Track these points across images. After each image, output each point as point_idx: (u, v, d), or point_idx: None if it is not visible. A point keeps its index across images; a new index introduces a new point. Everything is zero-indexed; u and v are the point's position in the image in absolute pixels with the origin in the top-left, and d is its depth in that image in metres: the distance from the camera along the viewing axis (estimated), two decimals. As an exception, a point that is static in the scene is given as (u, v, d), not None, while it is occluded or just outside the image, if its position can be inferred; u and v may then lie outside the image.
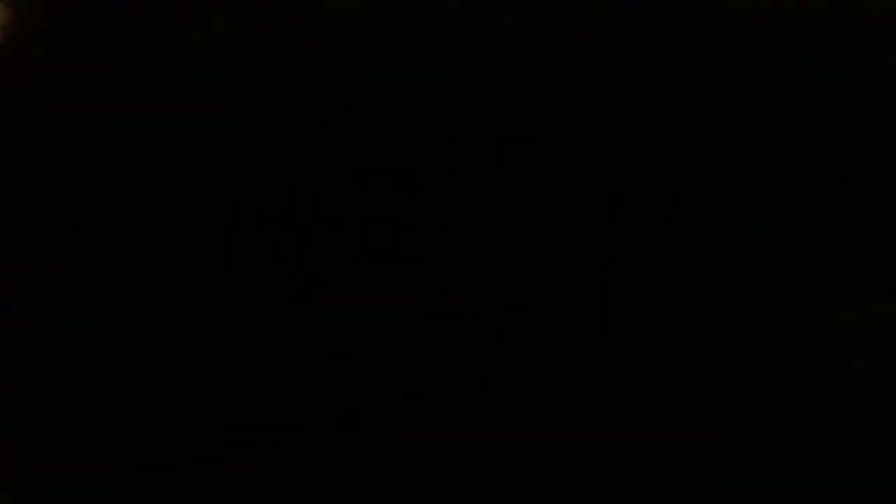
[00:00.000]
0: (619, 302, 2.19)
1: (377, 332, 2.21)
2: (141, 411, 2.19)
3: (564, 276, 2.21)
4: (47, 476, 2.15)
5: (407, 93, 2.19)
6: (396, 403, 2.17)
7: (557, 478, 2.12)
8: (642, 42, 2.17)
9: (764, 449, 2.11)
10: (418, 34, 2.17)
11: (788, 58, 2.18)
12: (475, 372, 2.18)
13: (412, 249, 2.24)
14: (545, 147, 2.20)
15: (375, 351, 2.20)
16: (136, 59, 2.29)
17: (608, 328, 2.19)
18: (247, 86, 2.27)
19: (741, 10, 2.15)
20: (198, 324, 2.25)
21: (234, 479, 2.14)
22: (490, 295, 2.21)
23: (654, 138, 2.20)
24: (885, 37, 2.12)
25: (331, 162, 2.24)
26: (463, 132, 2.19)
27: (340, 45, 2.19)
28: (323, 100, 2.24)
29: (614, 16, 2.15)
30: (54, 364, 2.24)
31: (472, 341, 2.20)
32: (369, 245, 2.24)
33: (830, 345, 2.14)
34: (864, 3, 2.13)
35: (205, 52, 2.34)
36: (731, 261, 2.19)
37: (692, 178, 2.18)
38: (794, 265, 2.17)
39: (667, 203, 2.18)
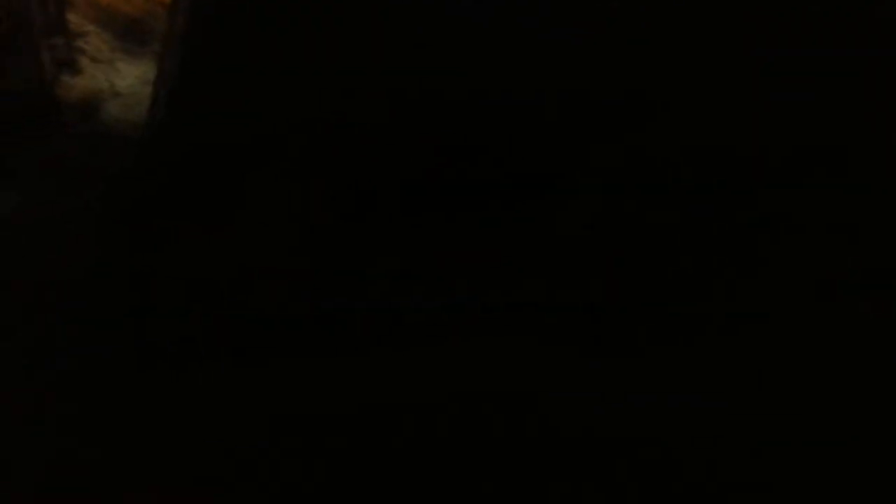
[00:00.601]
0: (624, 297, 2.20)
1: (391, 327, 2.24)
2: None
3: (565, 273, 2.21)
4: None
5: (421, 90, 2.19)
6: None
7: (563, 479, 2.16)
8: (654, 38, 2.15)
9: (761, 447, 2.13)
10: (435, 29, 2.17)
11: (790, 58, 2.16)
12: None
13: (414, 246, 2.24)
14: (550, 143, 2.20)
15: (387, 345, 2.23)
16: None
17: (610, 323, 2.20)
18: (259, 84, 2.27)
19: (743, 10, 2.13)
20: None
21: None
22: (504, 288, 2.22)
23: (656, 137, 2.19)
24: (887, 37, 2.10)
25: (347, 158, 2.24)
26: (471, 129, 2.19)
27: (356, 39, 2.19)
28: (338, 97, 2.24)
29: (626, 12, 2.13)
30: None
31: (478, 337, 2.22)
32: (369, 243, 2.26)
33: (829, 340, 2.15)
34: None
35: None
36: (730, 259, 2.19)
37: (692, 178, 2.18)
38: (793, 263, 2.17)
39: (666, 202, 2.18)
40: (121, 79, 3.81)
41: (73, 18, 3.86)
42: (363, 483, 2.21)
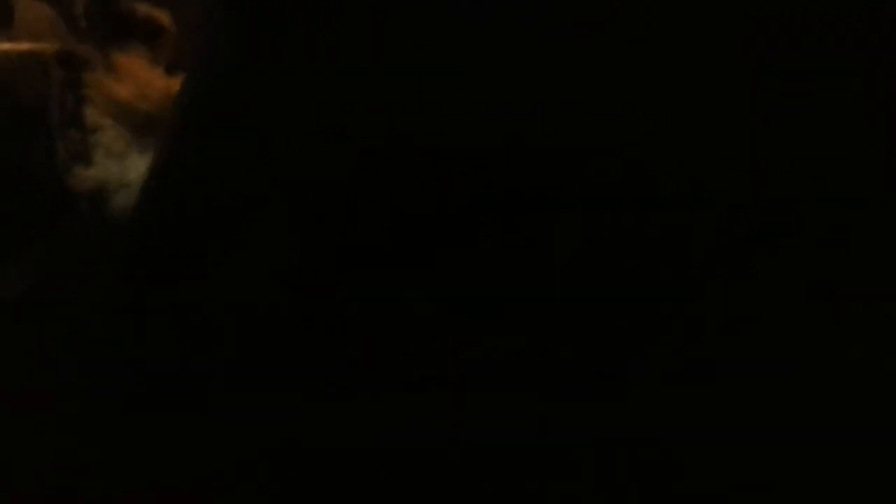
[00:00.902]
0: (623, 300, 2.20)
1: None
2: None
3: (563, 284, 2.23)
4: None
5: (421, 90, 2.22)
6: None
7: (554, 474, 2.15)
8: (654, 38, 2.17)
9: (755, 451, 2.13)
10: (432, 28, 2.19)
11: (790, 58, 2.18)
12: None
13: (416, 252, 2.26)
14: (549, 150, 2.22)
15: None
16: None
17: (607, 328, 2.21)
18: (248, 86, 2.30)
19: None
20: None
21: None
22: (500, 294, 2.23)
23: (654, 144, 2.21)
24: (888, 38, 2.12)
25: (343, 166, 2.27)
26: (469, 136, 2.21)
27: (354, 40, 2.22)
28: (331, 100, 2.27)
29: (626, 13, 2.15)
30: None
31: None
32: (369, 247, 2.27)
33: (827, 340, 2.16)
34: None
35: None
36: (729, 259, 2.20)
37: (690, 184, 2.20)
38: (791, 264, 2.18)
39: (664, 208, 2.19)
40: (132, 171, 3.86)
41: (89, 113, 3.92)
42: (362, 481, 2.22)
